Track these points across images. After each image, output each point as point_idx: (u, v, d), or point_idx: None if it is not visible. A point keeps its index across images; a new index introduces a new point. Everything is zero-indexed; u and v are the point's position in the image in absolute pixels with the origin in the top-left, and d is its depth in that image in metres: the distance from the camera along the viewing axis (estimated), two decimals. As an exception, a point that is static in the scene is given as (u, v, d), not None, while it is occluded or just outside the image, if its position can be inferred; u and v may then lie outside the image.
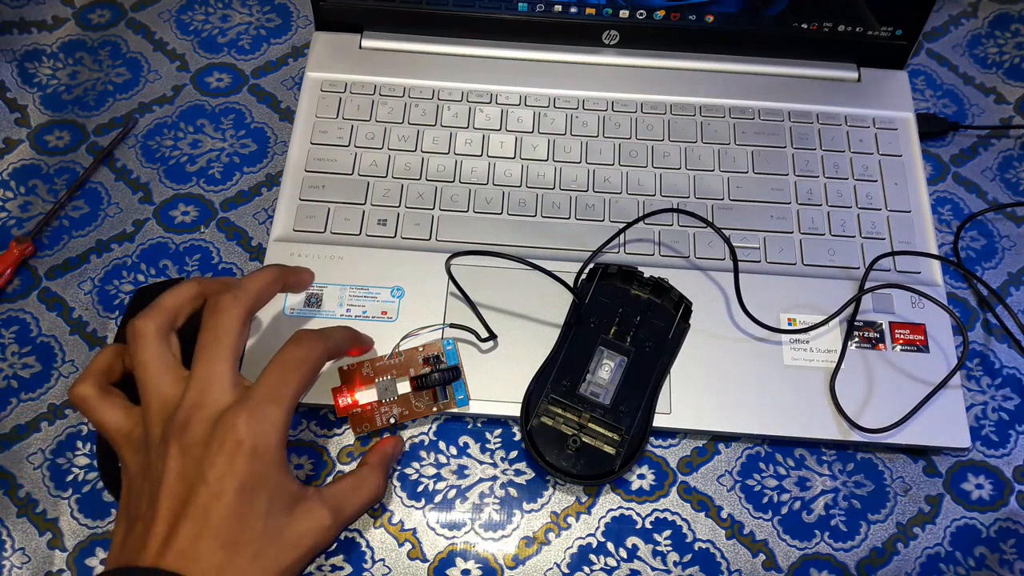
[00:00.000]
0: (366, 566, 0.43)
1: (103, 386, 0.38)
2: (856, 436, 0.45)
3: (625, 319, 0.46)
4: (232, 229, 0.52)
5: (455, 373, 0.44)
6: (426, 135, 0.54)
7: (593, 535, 0.44)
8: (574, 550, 0.43)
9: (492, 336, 0.46)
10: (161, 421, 0.35)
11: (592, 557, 0.43)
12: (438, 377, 0.44)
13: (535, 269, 0.45)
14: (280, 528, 0.35)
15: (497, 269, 0.48)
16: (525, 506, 0.44)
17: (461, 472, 0.45)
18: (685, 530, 0.44)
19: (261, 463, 0.34)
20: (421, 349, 0.45)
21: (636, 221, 0.50)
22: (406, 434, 0.46)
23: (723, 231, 0.47)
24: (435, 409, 0.44)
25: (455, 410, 0.45)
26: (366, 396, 0.44)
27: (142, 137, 0.56)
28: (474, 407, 0.45)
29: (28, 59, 0.59)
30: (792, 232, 0.51)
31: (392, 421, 0.44)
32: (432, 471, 0.45)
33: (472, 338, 0.46)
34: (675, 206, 0.51)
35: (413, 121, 0.54)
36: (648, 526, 0.44)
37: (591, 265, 0.48)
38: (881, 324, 0.48)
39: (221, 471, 0.33)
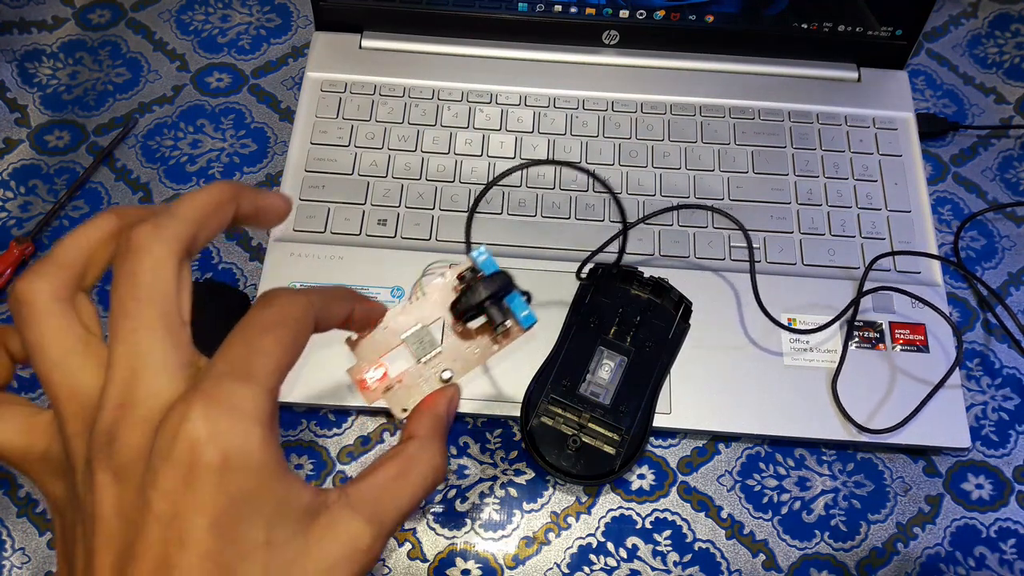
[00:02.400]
0: (366, 566, 0.43)
1: None
2: (857, 436, 0.45)
3: (625, 319, 0.46)
4: (232, 229, 0.52)
5: (505, 280, 0.30)
6: (426, 135, 0.54)
7: (593, 535, 0.44)
8: (574, 550, 0.43)
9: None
10: (82, 430, 0.23)
11: (592, 557, 0.43)
12: (484, 288, 0.30)
13: (586, 173, 0.40)
14: (292, 561, 0.23)
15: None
16: (525, 506, 0.44)
17: (461, 472, 0.45)
18: (685, 530, 0.44)
19: (242, 475, 0.21)
20: (447, 275, 0.31)
21: (650, 216, 0.50)
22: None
23: (738, 220, 0.47)
24: (496, 347, 0.31)
25: (524, 337, 0.31)
26: (400, 361, 0.30)
27: (142, 137, 0.56)
28: (474, 407, 0.45)
29: (28, 59, 0.59)
30: (792, 232, 0.51)
31: (448, 377, 0.31)
32: (432, 471, 0.45)
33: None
34: (674, 204, 0.51)
35: (413, 121, 0.54)
36: (648, 526, 0.44)
37: (590, 265, 0.48)
38: (881, 324, 0.48)
39: (177, 502, 0.21)
